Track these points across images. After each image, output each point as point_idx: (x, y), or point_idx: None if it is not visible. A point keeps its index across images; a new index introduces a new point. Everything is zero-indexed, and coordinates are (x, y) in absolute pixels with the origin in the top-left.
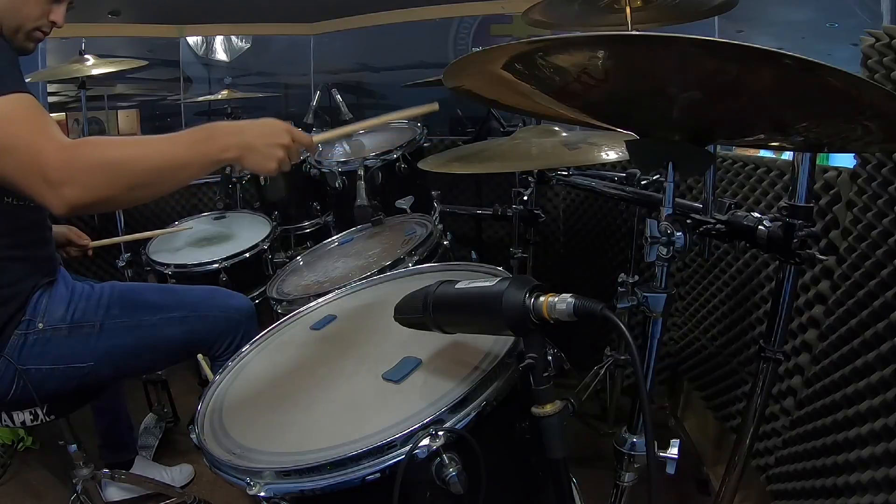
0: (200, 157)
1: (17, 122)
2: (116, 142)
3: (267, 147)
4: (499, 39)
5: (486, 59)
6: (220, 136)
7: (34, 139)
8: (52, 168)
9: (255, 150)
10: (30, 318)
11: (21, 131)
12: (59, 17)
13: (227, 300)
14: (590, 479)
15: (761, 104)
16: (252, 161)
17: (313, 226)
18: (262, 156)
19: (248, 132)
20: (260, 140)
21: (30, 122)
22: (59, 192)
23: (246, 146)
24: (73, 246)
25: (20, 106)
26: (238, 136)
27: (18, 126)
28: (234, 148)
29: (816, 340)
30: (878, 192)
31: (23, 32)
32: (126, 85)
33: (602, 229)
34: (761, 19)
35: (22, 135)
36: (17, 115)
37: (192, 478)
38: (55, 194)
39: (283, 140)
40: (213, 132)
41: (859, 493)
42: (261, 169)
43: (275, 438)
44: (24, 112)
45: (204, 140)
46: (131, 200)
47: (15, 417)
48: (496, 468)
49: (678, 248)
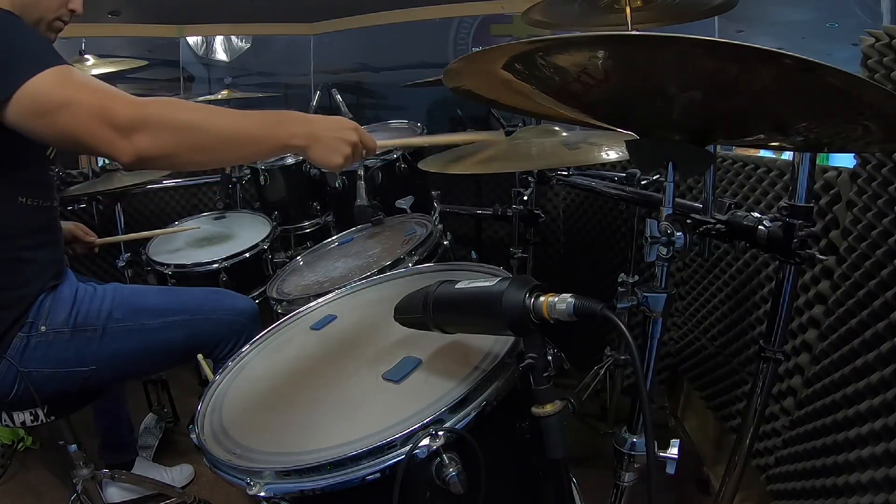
0: (268, 138)
1: (72, 83)
2: (190, 105)
3: (335, 141)
4: (499, 39)
5: (486, 59)
6: (291, 122)
7: (98, 94)
8: (123, 116)
9: (322, 143)
10: (33, 321)
11: (79, 89)
12: (79, 6)
13: (231, 302)
14: (590, 479)
15: (761, 104)
16: (318, 152)
17: (313, 226)
18: (328, 149)
19: (317, 124)
20: (328, 133)
21: (88, 82)
22: (131, 139)
23: (314, 137)
24: (78, 242)
25: (71, 72)
26: (308, 126)
27: (75, 86)
28: (302, 136)
29: (816, 340)
30: (878, 192)
31: (44, 24)
32: (126, 85)
33: (602, 229)
34: (761, 19)
35: (81, 92)
36: (75, 77)
37: (192, 478)
38: (127, 141)
39: (351, 137)
40: (285, 117)
41: (859, 493)
42: (326, 162)
43: (275, 438)
44: (78, 75)
45: (275, 122)
46: (194, 163)
47: (15, 418)
48: (496, 468)
49: (678, 248)
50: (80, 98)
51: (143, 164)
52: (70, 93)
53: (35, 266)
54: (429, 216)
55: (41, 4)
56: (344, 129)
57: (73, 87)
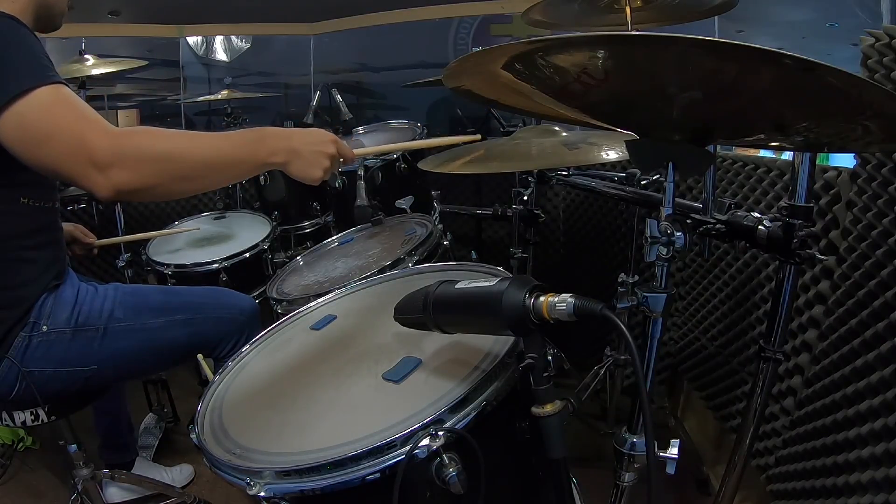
0: (249, 158)
1: (59, 110)
2: (166, 133)
3: (313, 155)
4: (499, 39)
5: (486, 59)
6: (270, 139)
7: (79, 125)
8: (101, 151)
9: (302, 158)
10: (34, 321)
11: (64, 118)
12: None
13: (231, 301)
14: (590, 479)
15: (761, 104)
16: (298, 167)
17: (313, 226)
18: (307, 163)
19: (296, 139)
20: (308, 147)
21: (73, 109)
22: (108, 175)
23: (294, 152)
24: (78, 244)
25: (60, 95)
26: (287, 142)
27: (60, 115)
28: (282, 152)
29: (816, 340)
30: (878, 192)
31: (62, 13)
32: (126, 85)
33: (602, 229)
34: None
35: (65, 121)
36: (57, 104)
37: (192, 478)
38: (104, 177)
39: (330, 150)
40: (264, 135)
41: (859, 493)
42: (306, 176)
43: (275, 438)
44: (65, 100)
45: (254, 141)
46: (176, 192)
47: (16, 417)
48: (496, 468)
49: (678, 248)
50: (60, 132)
51: (122, 197)
52: (52, 124)
53: (36, 266)
54: (429, 216)
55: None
56: (323, 143)
57: (57, 116)
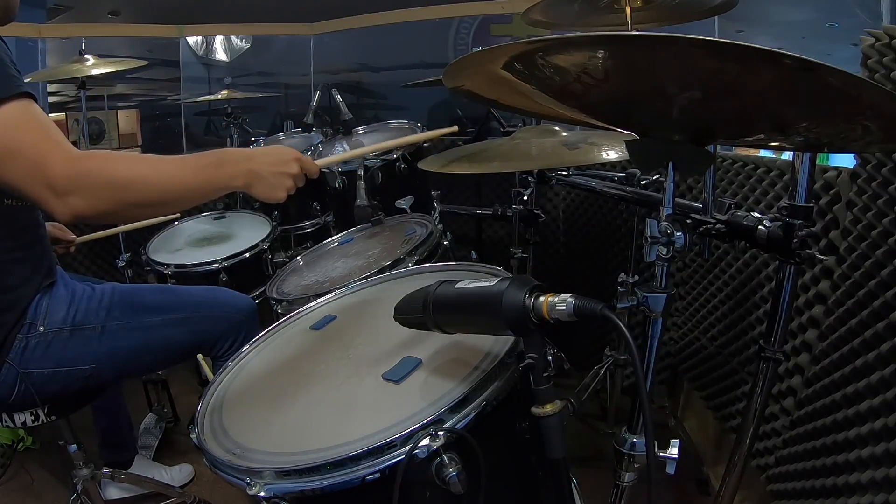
0: (207, 183)
1: (23, 128)
2: (125, 159)
3: (275, 176)
4: (499, 39)
5: (486, 59)
6: (230, 163)
7: (41, 146)
8: (59, 177)
9: (263, 179)
10: (31, 322)
11: (27, 137)
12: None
13: (229, 300)
14: (590, 479)
15: (761, 104)
16: (259, 189)
17: (313, 226)
18: (269, 185)
19: (257, 160)
20: (269, 169)
21: (37, 128)
22: (65, 201)
23: (254, 174)
24: (58, 243)
25: (26, 112)
26: (248, 164)
27: (24, 132)
28: (242, 176)
29: (816, 340)
30: (878, 192)
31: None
32: (126, 85)
33: (602, 229)
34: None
35: (28, 141)
36: (22, 121)
37: (192, 478)
38: (61, 203)
39: (292, 169)
40: (224, 159)
41: (859, 493)
42: (268, 197)
43: (275, 438)
44: (30, 118)
45: (213, 166)
46: (134, 217)
47: (16, 418)
48: (496, 468)
49: (678, 248)
50: (21, 151)
51: (80, 221)
52: (15, 142)
53: (27, 265)
54: (429, 216)
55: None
56: (284, 163)
57: (21, 133)
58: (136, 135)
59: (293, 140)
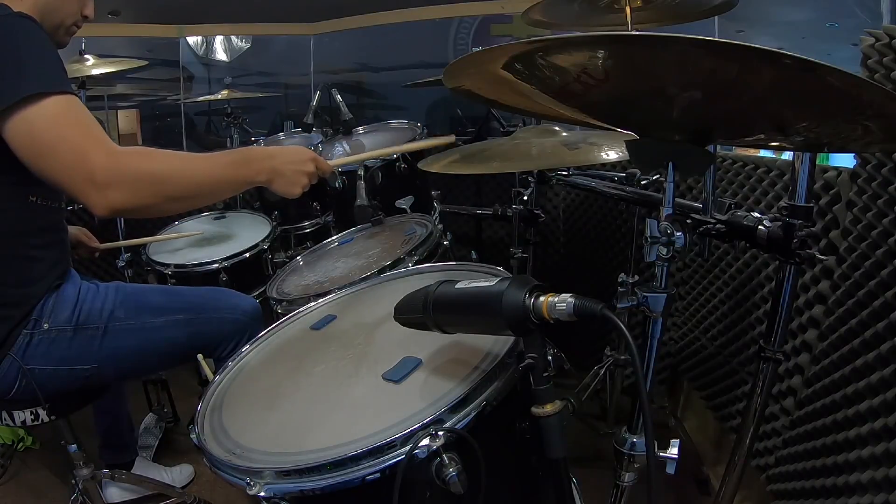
0: (236, 177)
1: (66, 123)
2: (162, 154)
3: (294, 174)
4: (499, 39)
5: (486, 59)
6: (256, 160)
7: (82, 141)
8: (100, 170)
9: (284, 176)
10: (36, 318)
11: (70, 132)
12: (91, 11)
13: (234, 302)
14: (590, 479)
15: (761, 104)
16: (280, 185)
17: (313, 226)
18: (288, 181)
19: (278, 158)
20: (289, 167)
21: (78, 125)
22: (105, 193)
23: (277, 171)
24: (83, 247)
25: (70, 107)
26: (271, 161)
27: (67, 127)
28: (265, 172)
29: (816, 340)
30: (878, 192)
31: (63, 28)
32: (126, 85)
33: (602, 229)
34: (761, 19)
35: (70, 136)
36: (65, 116)
37: (192, 478)
38: (100, 195)
39: (309, 168)
40: (250, 156)
41: (859, 493)
42: (286, 193)
43: (275, 438)
44: (73, 114)
45: (241, 162)
46: (169, 210)
47: (16, 417)
48: (496, 468)
49: (678, 248)
50: (64, 145)
51: (116, 215)
52: (58, 137)
53: (43, 265)
54: (429, 216)
55: (62, 10)
56: (303, 162)
57: (64, 128)
58: (137, 135)
59: (293, 140)
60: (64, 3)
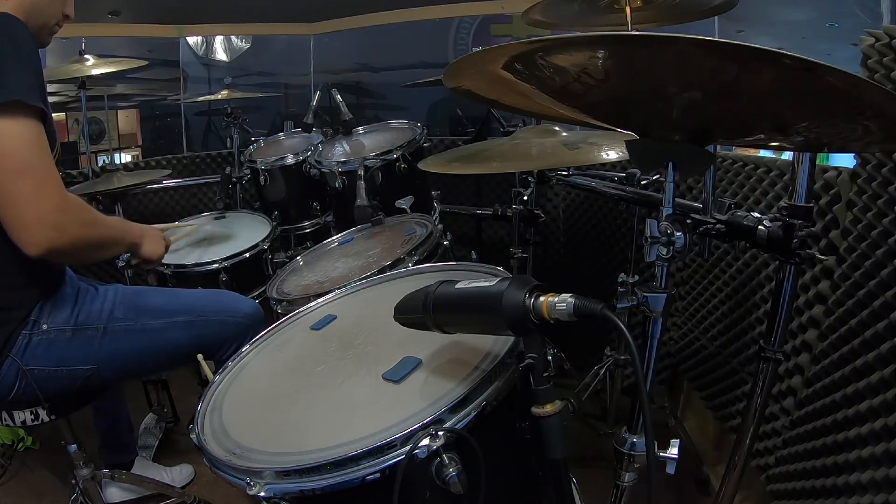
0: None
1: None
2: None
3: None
4: (499, 39)
5: (486, 59)
6: (131, 226)
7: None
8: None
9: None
10: (35, 319)
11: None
12: (71, 10)
13: (235, 304)
14: (590, 479)
15: (761, 104)
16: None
17: (313, 226)
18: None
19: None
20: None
21: (45, 155)
22: (47, 234)
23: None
24: None
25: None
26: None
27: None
28: (139, 237)
29: (816, 340)
30: (878, 192)
31: (47, 29)
32: (126, 85)
33: (602, 229)
34: (761, 19)
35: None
36: (40, 143)
37: (192, 478)
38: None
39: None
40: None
41: (859, 493)
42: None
43: (275, 438)
44: (43, 142)
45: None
46: (84, 259)
47: (16, 417)
48: (496, 468)
49: (678, 248)
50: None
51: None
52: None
53: (41, 266)
54: (429, 216)
55: (46, 11)
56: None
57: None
58: (136, 135)
59: (293, 140)
60: (48, 5)
